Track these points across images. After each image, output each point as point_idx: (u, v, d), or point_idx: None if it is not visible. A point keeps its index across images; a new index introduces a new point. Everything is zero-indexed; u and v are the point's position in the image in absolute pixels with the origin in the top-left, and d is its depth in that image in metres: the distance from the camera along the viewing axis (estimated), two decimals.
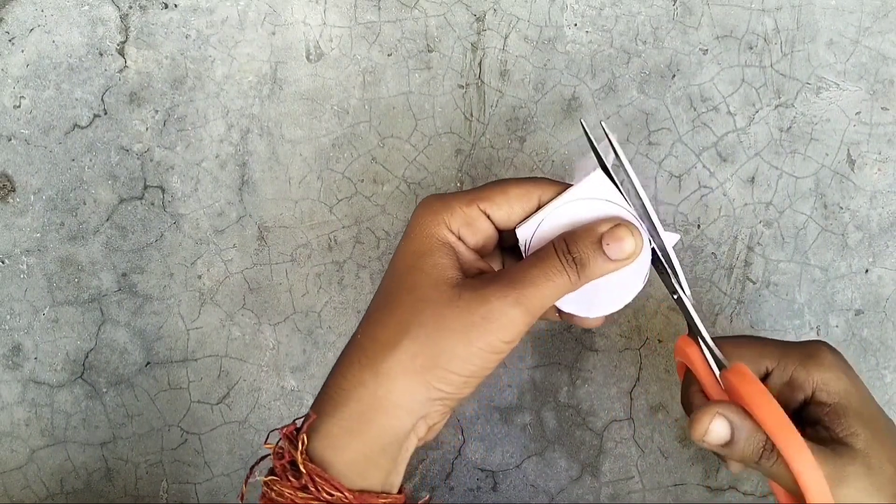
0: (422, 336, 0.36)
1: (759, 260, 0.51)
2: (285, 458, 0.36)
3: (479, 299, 0.36)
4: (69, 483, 0.52)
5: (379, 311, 0.39)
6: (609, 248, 0.37)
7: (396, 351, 0.36)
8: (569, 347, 0.52)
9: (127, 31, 0.51)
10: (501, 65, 0.51)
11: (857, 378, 0.40)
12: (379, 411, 0.36)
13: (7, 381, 0.51)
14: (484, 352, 0.36)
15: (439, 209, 0.39)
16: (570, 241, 0.38)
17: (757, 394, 0.37)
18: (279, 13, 0.51)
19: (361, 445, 0.36)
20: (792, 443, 0.36)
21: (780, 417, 0.36)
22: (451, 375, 0.36)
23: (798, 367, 0.40)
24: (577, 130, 0.51)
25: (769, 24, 0.51)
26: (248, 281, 0.51)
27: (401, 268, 0.39)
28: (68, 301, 0.51)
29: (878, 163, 0.51)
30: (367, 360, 0.37)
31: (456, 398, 0.37)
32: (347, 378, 0.37)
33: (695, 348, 0.41)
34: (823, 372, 0.39)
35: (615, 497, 0.52)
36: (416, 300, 0.37)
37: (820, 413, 0.39)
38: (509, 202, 0.39)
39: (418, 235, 0.39)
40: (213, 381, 0.51)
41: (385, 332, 0.37)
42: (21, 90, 0.51)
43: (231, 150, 0.51)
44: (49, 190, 0.51)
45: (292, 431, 0.37)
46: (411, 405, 0.36)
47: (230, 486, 0.52)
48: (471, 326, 0.36)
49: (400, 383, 0.36)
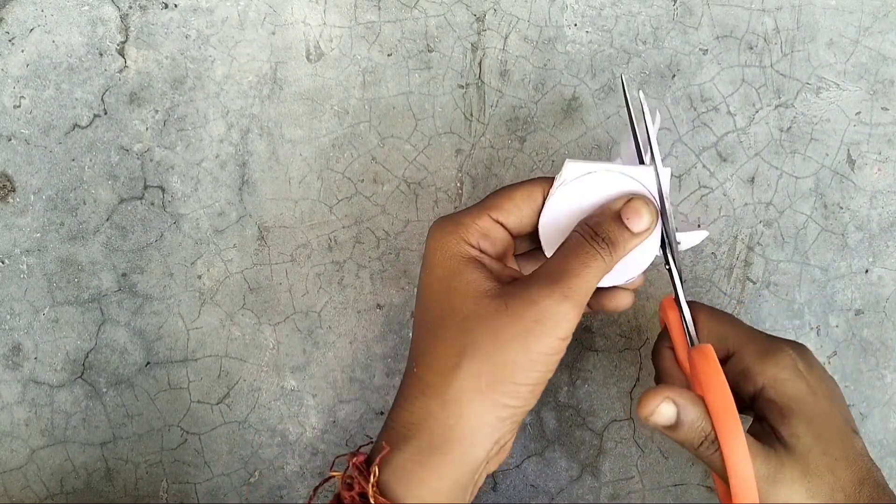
0: (480, 354, 0.35)
1: (759, 260, 0.51)
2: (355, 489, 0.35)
3: (526, 303, 0.35)
4: (69, 483, 0.52)
5: (427, 341, 0.37)
6: (630, 221, 0.38)
7: (458, 374, 0.35)
8: (569, 347, 0.52)
9: (127, 31, 0.51)
10: (501, 65, 0.51)
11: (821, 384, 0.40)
12: (452, 441, 0.35)
13: (7, 381, 0.51)
14: (544, 355, 0.35)
15: (453, 228, 0.38)
16: (594, 224, 0.38)
17: (714, 377, 0.37)
18: (279, 13, 0.51)
19: (435, 480, 0.35)
20: (731, 432, 0.36)
21: (728, 405, 0.37)
22: (518, 387, 0.35)
23: (755, 358, 0.40)
24: (577, 130, 0.51)
25: (769, 24, 0.51)
26: (248, 281, 0.51)
27: (435, 293, 0.38)
28: (68, 301, 0.51)
29: (878, 163, 0.51)
30: (429, 389, 0.36)
31: (525, 411, 0.37)
32: (413, 412, 0.36)
33: (675, 313, 0.42)
34: (778, 371, 0.39)
35: (615, 497, 0.52)
36: (463, 320, 0.36)
37: (766, 409, 0.39)
38: (517, 206, 0.39)
39: (441, 258, 0.38)
40: (213, 381, 0.51)
41: (440, 359, 0.36)
42: (21, 90, 0.51)
43: (231, 150, 0.51)
44: (49, 190, 0.51)
45: (362, 462, 0.36)
46: (484, 428, 0.35)
47: (230, 486, 0.52)
48: (526, 333, 0.35)
49: (469, 408, 0.35)
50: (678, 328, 0.42)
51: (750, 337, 0.41)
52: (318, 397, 0.51)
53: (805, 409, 0.39)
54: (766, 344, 0.41)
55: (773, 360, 0.40)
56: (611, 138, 0.51)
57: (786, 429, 0.38)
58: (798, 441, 0.38)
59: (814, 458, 0.37)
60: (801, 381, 0.39)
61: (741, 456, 0.36)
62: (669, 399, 0.37)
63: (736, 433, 0.36)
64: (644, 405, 0.38)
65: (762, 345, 0.41)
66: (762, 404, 0.40)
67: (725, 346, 0.41)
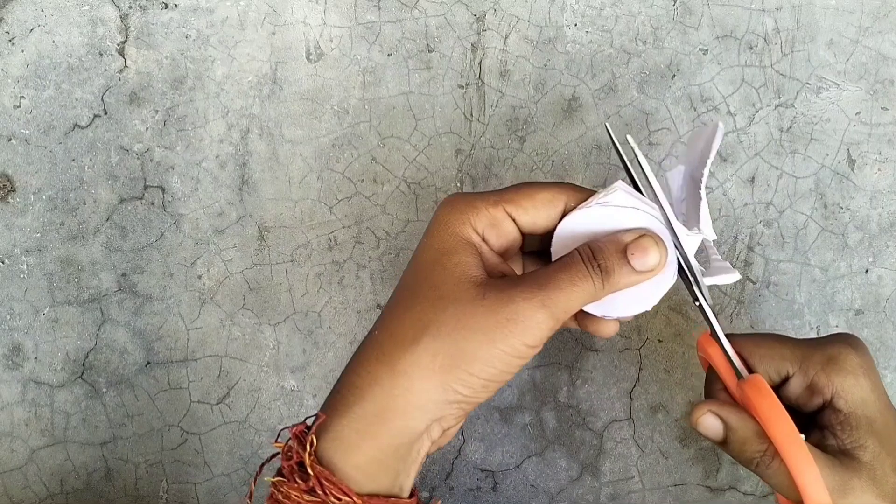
0: (443, 334, 0.35)
1: (759, 260, 0.51)
2: (293, 458, 0.36)
3: (504, 300, 0.35)
4: (69, 483, 0.52)
5: (398, 307, 0.37)
6: (634, 258, 0.37)
7: (416, 348, 0.35)
8: (569, 347, 0.52)
9: (127, 31, 0.51)
10: (501, 65, 0.51)
11: (878, 381, 0.40)
12: (393, 411, 0.35)
13: (7, 381, 0.51)
14: (506, 354, 0.35)
15: (464, 208, 0.38)
16: (596, 250, 0.37)
17: (770, 408, 0.37)
18: (279, 13, 0.51)
19: (373, 448, 0.35)
20: (800, 459, 0.36)
21: (793, 434, 0.37)
22: (471, 378, 0.35)
23: (819, 371, 0.39)
24: (576, 130, 0.51)
25: (769, 24, 0.51)
26: (248, 281, 0.51)
27: (423, 264, 0.38)
28: (68, 301, 0.51)
29: (878, 163, 0.51)
30: (384, 356, 0.36)
31: (473, 402, 0.36)
32: (362, 375, 0.36)
33: (716, 348, 0.41)
34: (845, 377, 0.39)
35: (615, 497, 0.52)
36: (438, 297, 0.36)
37: (833, 420, 0.39)
38: (536, 207, 0.38)
39: (442, 233, 0.38)
40: (213, 381, 0.51)
41: (404, 328, 0.36)
42: (21, 90, 0.51)
43: (231, 150, 0.51)
44: (49, 190, 0.51)
45: (302, 431, 0.36)
46: (427, 405, 0.35)
47: (230, 485, 0.52)
48: (495, 327, 0.35)
49: (417, 383, 0.35)
50: (723, 364, 0.41)
51: (805, 351, 0.40)
52: (318, 397, 0.51)
53: (869, 415, 0.39)
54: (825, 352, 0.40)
55: (837, 368, 0.39)
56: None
57: (852, 440, 0.38)
58: (864, 451, 0.38)
59: (879, 464, 0.38)
60: (866, 384, 0.39)
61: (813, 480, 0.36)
62: (713, 413, 0.38)
63: (805, 458, 0.36)
64: (693, 412, 0.39)
65: (821, 354, 0.40)
66: (827, 414, 0.39)
67: (785, 367, 0.40)
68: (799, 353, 0.40)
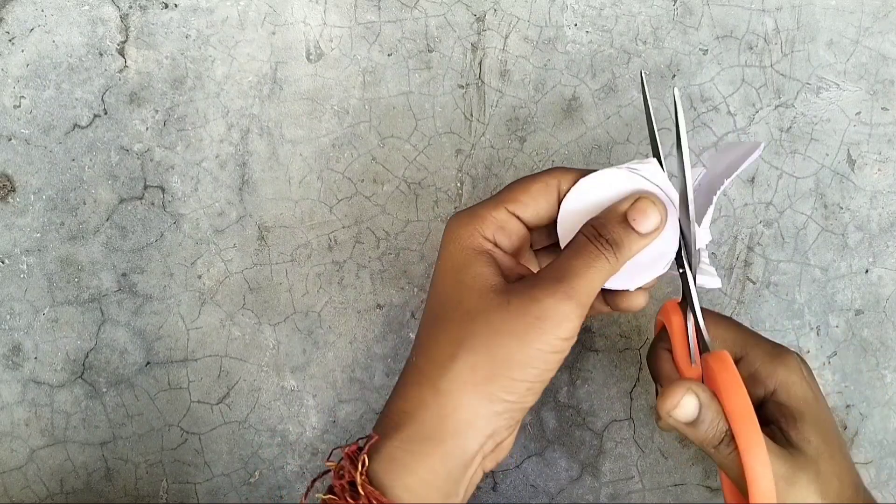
0: (478, 346, 0.35)
1: (759, 260, 0.51)
2: (345, 478, 0.35)
3: (529, 301, 0.35)
4: (69, 483, 0.52)
5: (429, 331, 0.38)
6: (636, 222, 0.37)
7: (455, 365, 0.35)
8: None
9: (127, 31, 0.51)
10: (501, 65, 0.51)
11: (818, 389, 0.41)
12: (444, 432, 0.35)
13: (7, 381, 0.51)
14: (543, 352, 0.35)
15: (469, 220, 0.38)
16: (598, 225, 0.38)
17: (732, 383, 0.37)
18: (279, 13, 0.51)
19: (425, 470, 0.35)
20: (752, 436, 0.36)
21: (748, 410, 0.37)
22: (514, 383, 0.35)
23: (765, 361, 0.40)
24: (577, 130, 0.51)
25: (769, 24, 0.51)
26: (248, 281, 0.51)
27: (443, 285, 0.38)
28: (68, 301, 0.51)
29: (878, 163, 0.51)
30: (425, 379, 0.36)
31: (521, 408, 0.37)
32: (407, 400, 0.36)
33: (679, 317, 0.41)
34: (788, 373, 0.40)
35: (615, 497, 0.52)
36: (465, 313, 0.36)
37: (777, 413, 0.40)
38: (533, 198, 0.39)
39: (454, 251, 0.38)
40: (213, 381, 0.51)
41: (440, 349, 0.36)
42: (21, 90, 0.51)
43: (231, 150, 0.51)
44: (49, 190, 0.51)
45: (354, 451, 0.37)
46: (477, 421, 0.35)
47: (230, 486, 0.52)
48: (526, 329, 0.35)
49: (464, 399, 0.35)
50: (680, 332, 0.42)
51: (755, 340, 0.42)
52: (318, 397, 0.51)
53: (813, 413, 0.39)
54: (773, 347, 0.41)
55: (782, 362, 0.40)
56: (611, 138, 0.51)
57: (796, 433, 0.39)
58: (809, 445, 0.38)
59: (824, 462, 0.38)
60: (807, 385, 0.40)
61: (762, 462, 0.36)
62: (693, 392, 0.37)
63: (757, 439, 0.36)
64: (668, 398, 0.37)
65: (769, 348, 0.41)
66: (772, 407, 0.40)
67: (732, 351, 0.41)
68: (749, 342, 0.41)
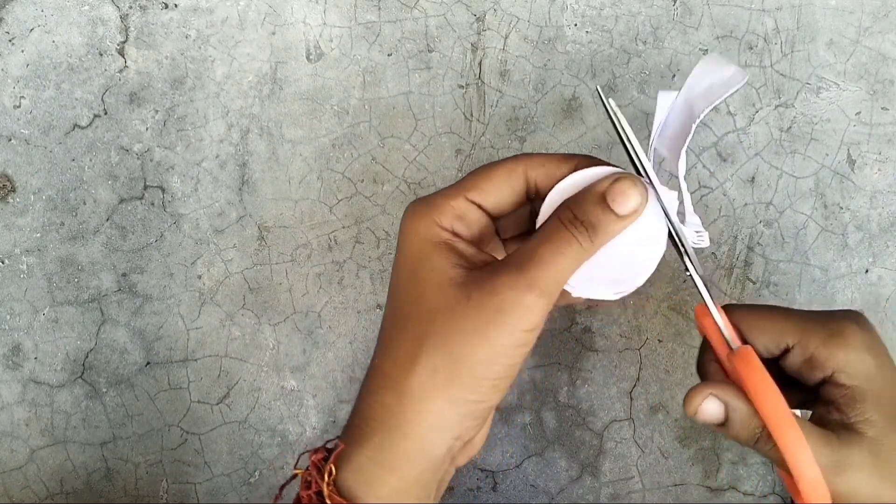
0: (439, 346, 0.34)
1: (759, 260, 0.51)
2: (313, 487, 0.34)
3: (489, 293, 0.34)
4: (69, 483, 0.52)
5: (390, 330, 0.36)
6: (615, 203, 0.35)
7: (416, 368, 0.34)
8: (569, 347, 0.52)
9: (127, 31, 0.51)
10: (501, 65, 0.51)
11: (886, 357, 0.38)
12: (411, 439, 0.34)
13: (7, 381, 0.51)
14: (507, 347, 0.34)
15: (425, 210, 0.36)
16: (575, 206, 0.35)
17: (759, 381, 0.36)
18: (279, 13, 0.51)
19: (395, 479, 0.34)
20: (788, 434, 0.35)
21: (779, 408, 0.35)
22: (478, 381, 0.34)
23: (820, 345, 0.38)
24: (576, 130, 0.51)
25: (769, 24, 0.51)
26: (248, 281, 0.51)
27: (401, 280, 0.36)
28: (68, 301, 0.51)
29: (878, 163, 0.51)
30: (388, 382, 0.35)
31: (488, 406, 0.35)
32: (372, 405, 0.35)
33: (710, 319, 0.39)
34: (847, 353, 0.37)
35: (615, 497, 0.52)
36: (424, 310, 0.35)
37: (836, 394, 0.37)
38: (496, 185, 0.37)
39: (409, 243, 0.36)
40: (213, 381, 0.51)
41: (401, 350, 0.35)
42: (21, 90, 0.51)
43: (231, 150, 0.51)
44: (49, 190, 0.51)
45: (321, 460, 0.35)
46: (442, 425, 0.34)
47: (230, 486, 0.52)
48: (487, 324, 0.33)
49: (427, 404, 0.34)
50: (716, 334, 0.39)
51: (806, 323, 0.39)
52: (318, 397, 0.51)
53: (876, 390, 0.37)
54: (828, 326, 0.38)
55: (840, 342, 0.37)
56: (611, 138, 0.51)
57: (856, 414, 0.37)
58: (869, 426, 0.36)
59: (886, 440, 0.36)
60: (870, 359, 0.37)
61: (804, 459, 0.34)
62: (714, 396, 0.36)
63: (793, 435, 0.35)
64: (688, 403, 0.36)
65: (823, 328, 0.38)
66: (831, 389, 0.38)
67: (784, 340, 0.39)
68: (800, 326, 0.39)
